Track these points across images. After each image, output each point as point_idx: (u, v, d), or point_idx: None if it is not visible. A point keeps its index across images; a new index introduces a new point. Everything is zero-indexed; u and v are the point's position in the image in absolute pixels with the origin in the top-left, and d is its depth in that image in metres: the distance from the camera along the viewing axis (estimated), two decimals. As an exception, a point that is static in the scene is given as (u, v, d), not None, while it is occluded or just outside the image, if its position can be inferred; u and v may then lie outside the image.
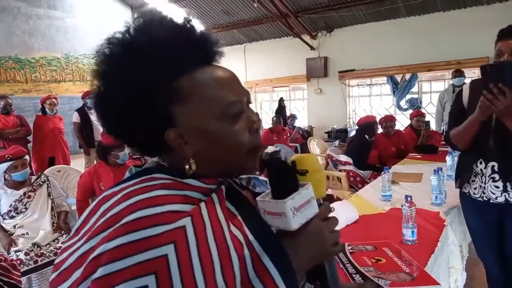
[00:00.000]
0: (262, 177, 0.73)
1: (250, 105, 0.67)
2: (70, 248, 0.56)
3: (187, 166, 0.60)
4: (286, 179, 0.59)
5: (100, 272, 0.48)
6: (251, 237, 0.58)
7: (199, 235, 0.52)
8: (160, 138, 0.60)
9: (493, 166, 1.63)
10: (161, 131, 0.60)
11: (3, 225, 2.57)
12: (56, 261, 0.57)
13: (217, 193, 0.60)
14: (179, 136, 0.60)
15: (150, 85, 0.57)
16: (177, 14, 0.63)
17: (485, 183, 1.67)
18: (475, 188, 1.73)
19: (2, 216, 2.59)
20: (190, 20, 0.63)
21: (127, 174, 0.65)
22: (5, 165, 2.61)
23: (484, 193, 1.68)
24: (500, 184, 1.62)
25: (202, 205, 0.56)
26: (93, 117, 4.11)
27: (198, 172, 0.61)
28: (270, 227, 0.61)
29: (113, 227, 0.51)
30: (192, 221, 0.53)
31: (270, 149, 3.63)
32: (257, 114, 0.68)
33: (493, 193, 1.65)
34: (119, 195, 0.55)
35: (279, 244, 0.58)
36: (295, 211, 0.58)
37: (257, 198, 0.62)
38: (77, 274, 0.51)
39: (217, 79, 0.61)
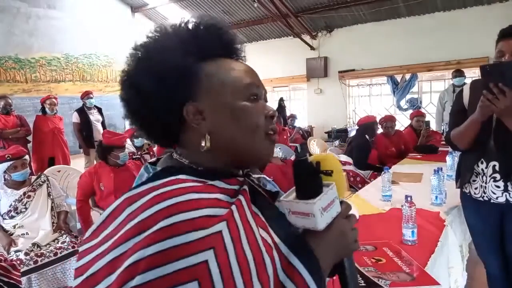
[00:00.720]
0: (266, 177, 0.74)
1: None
2: (92, 252, 0.54)
3: (202, 143, 0.61)
4: (314, 181, 0.61)
5: (138, 279, 0.46)
6: (276, 238, 0.58)
7: (235, 239, 0.52)
8: (178, 117, 0.63)
9: (494, 166, 1.63)
10: (181, 107, 0.62)
11: (3, 225, 2.57)
12: (78, 264, 0.56)
13: (243, 195, 0.60)
14: (197, 112, 0.62)
15: (180, 64, 0.62)
16: (214, 17, 0.70)
17: (486, 183, 1.67)
18: (475, 188, 1.72)
19: (2, 216, 2.58)
20: (226, 25, 0.69)
21: (143, 172, 0.66)
22: (5, 165, 2.61)
23: (485, 193, 1.68)
24: (501, 184, 1.62)
25: (234, 208, 0.56)
26: (93, 117, 4.14)
27: (214, 158, 0.62)
28: (294, 227, 0.62)
29: (147, 232, 0.49)
30: (228, 226, 0.53)
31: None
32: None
33: (494, 193, 1.65)
34: (146, 197, 0.54)
35: (307, 244, 0.59)
36: (323, 211, 0.59)
37: (282, 198, 0.63)
38: (109, 281, 0.49)
39: (238, 65, 0.67)
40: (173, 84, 0.62)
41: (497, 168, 1.62)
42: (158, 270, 0.47)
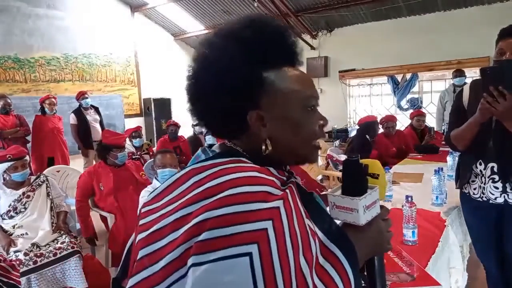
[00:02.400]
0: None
1: None
2: (156, 212, 0.62)
3: (263, 147, 0.67)
4: (361, 181, 0.68)
5: (205, 235, 0.52)
6: (317, 229, 0.63)
7: (289, 216, 0.57)
8: (242, 120, 0.67)
9: (492, 167, 1.64)
10: (245, 114, 0.67)
11: (3, 225, 2.57)
12: (142, 222, 0.63)
13: (293, 185, 0.65)
14: (259, 118, 0.67)
15: (243, 72, 0.65)
16: (278, 21, 0.73)
17: (484, 184, 1.67)
18: (474, 189, 1.73)
19: (1, 216, 2.58)
20: (290, 29, 0.73)
21: (200, 153, 0.71)
22: (5, 165, 2.60)
23: (483, 193, 1.68)
24: (499, 185, 1.62)
25: (288, 191, 0.61)
26: (90, 117, 4.13)
27: (267, 156, 0.67)
28: (335, 220, 0.68)
29: (215, 196, 0.55)
30: (284, 204, 0.58)
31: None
32: None
33: (493, 194, 1.65)
34: (213, 169, 0.60)
35: (345, 234, 0.65)
36: (366, 209, 0.66)
37: (328, 193, 0.70)
38: (175, 235, 0.56)
39: (300, 75, 0.71)
40: (238, 93, 0.66)
41: (495, 169, 1.63)
42: (224, 230, 0.52)
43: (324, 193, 0.70)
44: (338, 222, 0.69)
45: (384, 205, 0.73)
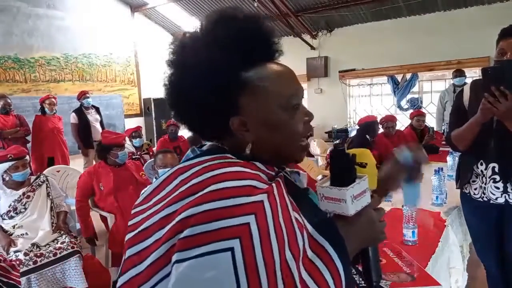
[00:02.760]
0: (301, 172, 0.79)
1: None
2: (144, 212, 0.62)
3: (247, 150, 0.67)
4: (349, 170, 0.66)
5: (189, 231, 0.53)
6: (306, 223, 0.62)
7: (273, 210, 0.57)
8: (224, 124, 0.67)
9: (493, 167, 1.63)
10: (227, 118, 0.66)
11: (3, 225, 2.57)
12: (131, 222, 0.63)
13: (280, 179, 0.65)
14: (242, 124, 0.67)
15: (222, 77, 0.64)
16: (250, 11, 0.71)
17: (485, 184, 1.67)
18: (475, 189, 1.72)
19: (1, 216, 2.58)
20: (263, 18, 0.70)
21: (189, 153, 0.71)
22: (6, 165, 2.60)
23: (484, 193, 1.68)
24: (500, 185, 1.62)
25: (274, 185, 0.61)
26: (91, 117, 4.13)
27: (254, 157, 0.67)
28: (324, 213, 0.68)
29: (199, 193, 0.55)
30: (268, 198, 0.58)
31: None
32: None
33: (493, 194, 1.65)
34: (198, 167, 0.61)
35: (334, 225, 0.64)
36: (354, 198, 0.65)
37: (317, 184, 0.69)
38: (160, 234, 0.56)
39: (280, 73, 0.69)
40: (218, 100, 0.65)
41: (496, 169, 1.63)
42: (207, 225, 0.52)
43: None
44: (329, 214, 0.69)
45: (375, 195, 0.72)
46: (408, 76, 6.95)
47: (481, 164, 1.68)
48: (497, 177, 1.63)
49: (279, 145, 0.68)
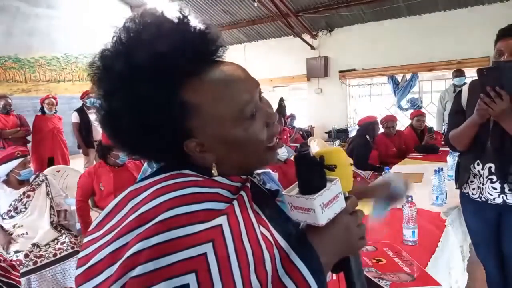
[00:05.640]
0: (271, 172, 0.73)
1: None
2: (95, 243, 0.55)
3: (212, 171, 0.60)
4: (315, 175, 0.59)
5: (139, 270, 0.47)
6: (277, 235, 0.58)
7: (235, 233, 0.52)
8: (177, 149, 0.59)
9: (490, 168, 1.64)
10: (179, 143, 0.58)
11: (3, 225, 2.57)
12: (81, 254, 0.56)
13: (245, 191, 0.60)
14: (198, 146, 0.59)
15: (158, 102, 0.55)
16: (172, 10, 0.59)
17: (483, 184, 1.67)
18: (473, 189, 1.73)
19: (1, 216, 2.58)
20: (186, 17, 0.59)
21: (146, 168, 0.65)
22: (14, 163, 2.60)
23: (482, 194, 1.68)
24: (497, 185, 1.62)
25: (235, 203, 0.56)
26: (93, 117, 4.11)
27: (220, 172, 0.61)
28: (296, 223, 0.61)
29: (149, 223, 0.50)
30: (228, 220, 0.53)
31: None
32: (268, 102, 0.66)
33: (491, 194, 1.65)
34: (149, 190, 0.54)
35: (306, 241, 0.58)
36: (324, 206, 0.58)
37: (284, 193, 0.62)
38: (110, 271, 0.50)
39: (225, 80, 0.59)
40: (163, 130, 0.57)
41: (493, 169, 1.63)
42: (159, 261, 0.47)
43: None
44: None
45: (352, 196, 0.64)
46: (408, 76, 6.95)
47: (478, 164, 1.68)
48: (494, 177, 1.63)
49: (244, 158, 0.61)
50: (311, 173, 0.59)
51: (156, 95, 0.55)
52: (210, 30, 0.60)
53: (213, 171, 0.60)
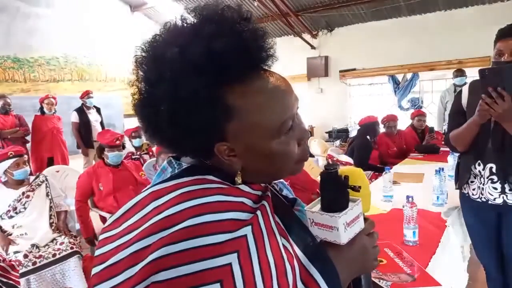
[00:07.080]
0: (283, 181, 0.74)
1: None
2: (114, 241, 0.54)
3: (236, 178, 0.60)
4: (341, 195, 0.60)
5: (164, 275, 0.47)
6: (296, 248, 0.58)
7: (259, 244, 0.52)
8: (206, 148, 0.58)
9: (491, 168, 1.63)
10: (210, 143, 0.58)
11: (2, 225, 2.56)
12: (98, 252, 0.55)
13: (267, 201, 0.59)
14: (229, 150, 0.58)
15: (202, 99, 0.54)
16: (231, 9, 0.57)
17: (483, 185, 1.67)
18: (473, 189, 1.72)
19: (0, 216, 2.57)
20: (246, 19, 0.57)
21: (166, 166, 0.63)
22: (7, 164, 2.60)
23: (482, 194, 1.68)
24: (498, 185, 1.62)
25: (259, 213, 0.55)
26: (92, 117, 4.11)
27: (243, 179, 0.61)
28: (315, 237, 0.61)
29: (173, 228, 0.49)
30: (252, 230, 0.53)
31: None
32: (301, 118, 0.66)
33: (491, 195, 1.64)
34: (173, 194, 0.54)
35: (327, 257, 0.59)
36: (347, 226, 0.59)
37: (306, 209, 0.63)
38: (131, 272, 0.49)
39: (272, 91, 0.58)
40: (199, 124, 0.55)
41: (494, 170, 1.63)
42: (183, 268, 0.47)
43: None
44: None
45: (369, 218, 0.66)
46: (409, 75, 6.94)
47: (479, 165, 1.68)
48: (495, 178, 1.63)
49: (272, 169, 0.62)
50: (338, 193, 0.60)
51: (202, 91, 0.54)
52: (267, 37, 0.60)
53: (237, 178, 0.60)
